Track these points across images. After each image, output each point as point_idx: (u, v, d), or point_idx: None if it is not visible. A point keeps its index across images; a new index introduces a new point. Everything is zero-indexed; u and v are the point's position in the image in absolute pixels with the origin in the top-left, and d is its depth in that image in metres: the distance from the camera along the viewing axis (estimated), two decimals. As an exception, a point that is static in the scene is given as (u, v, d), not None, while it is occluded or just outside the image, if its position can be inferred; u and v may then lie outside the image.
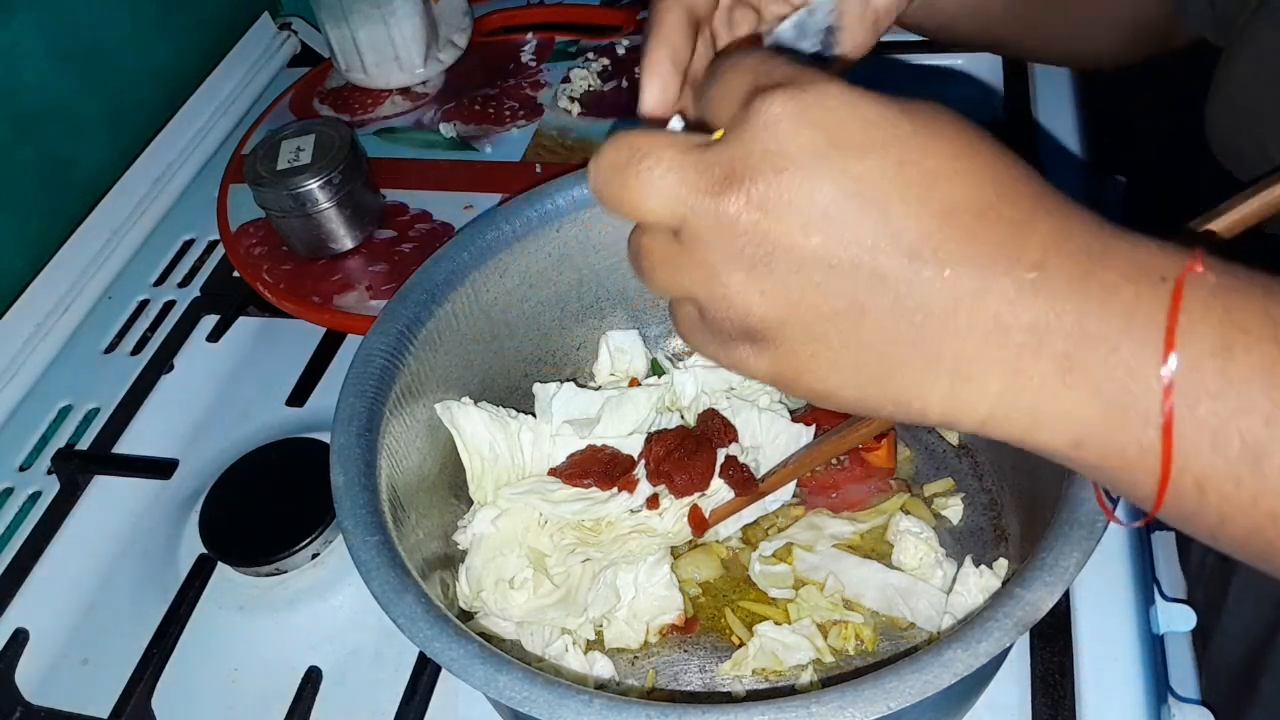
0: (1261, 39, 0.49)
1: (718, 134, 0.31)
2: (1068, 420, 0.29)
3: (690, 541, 0.56)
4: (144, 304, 0.82)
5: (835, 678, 0.50)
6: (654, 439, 0.55)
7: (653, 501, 0.53)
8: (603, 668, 0.51)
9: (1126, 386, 0.28)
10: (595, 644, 0.53)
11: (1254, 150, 0.50)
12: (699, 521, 0.54)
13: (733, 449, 0.55)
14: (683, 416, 0.58)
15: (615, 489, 0.54)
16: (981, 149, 0.30)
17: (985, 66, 0.85)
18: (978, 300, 0.29)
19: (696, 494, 0.54)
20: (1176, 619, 0.57)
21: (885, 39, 0.87)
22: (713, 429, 0.55)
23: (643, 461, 0.54)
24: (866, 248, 0.29)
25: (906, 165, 0.29)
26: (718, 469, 0.54)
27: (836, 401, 0.32)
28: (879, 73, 0.86)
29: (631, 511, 0.54)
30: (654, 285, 0.34)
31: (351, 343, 0.74)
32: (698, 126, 0.34)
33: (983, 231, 0.29)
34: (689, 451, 0.53)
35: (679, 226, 0.31)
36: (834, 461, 0.57)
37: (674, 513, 0.54)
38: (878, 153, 0.29)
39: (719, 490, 0.54)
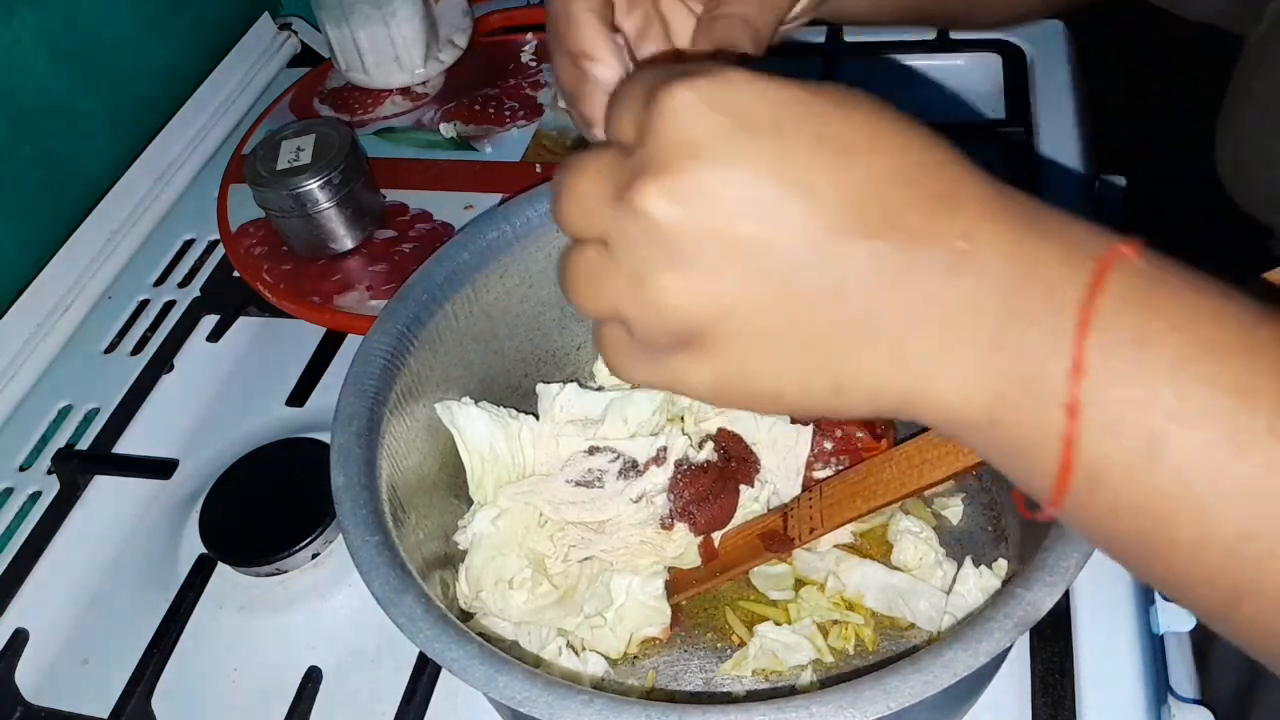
0: (1274, 78, 0.48)
1: None
2: (989, 394, 0.28)
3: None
4: (144, 304, 0.82)
5: (835, 678, 0.50)
6: (684, 478, 0.54)
7: (666, 524, 0.53)
8: (596, 664, 0.51)
9: (1041, 362, 0.27)
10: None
11: (1268, 192, 0.50)
12: (711, 554, 0.54)
13: (756, 488, 0.55)
14: (683, 419, 0.58)
15: (620, 480, 0.54)
16: (899, 123, 0.29)
17: (985, 66, 0.85)
18: (910, 273, 0.28)
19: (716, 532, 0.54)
20: (1176, 619, 0.57)
21: (881, 38, 0.88)
22: (740, 463, 0.55)
23: (669, 491, 0.54)
24: (794, 227, 0.28)
25: (823, 141, 0.28)
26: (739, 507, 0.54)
27: (783, 402, 0.31)
28: (876, 74, 0.86)
29: (632, 500, 0.54)
30: (580, 302, 0.32)
31: (351, 343, 0.74)
32: None
33: (909, 202, 0.28)
34: (715, 492, 0.54)
35: (603, 237, 0.30)
36: (833, 461, 0.57)
37: (684, 536, 0.54)
38: (791, 130, 0.28)
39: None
